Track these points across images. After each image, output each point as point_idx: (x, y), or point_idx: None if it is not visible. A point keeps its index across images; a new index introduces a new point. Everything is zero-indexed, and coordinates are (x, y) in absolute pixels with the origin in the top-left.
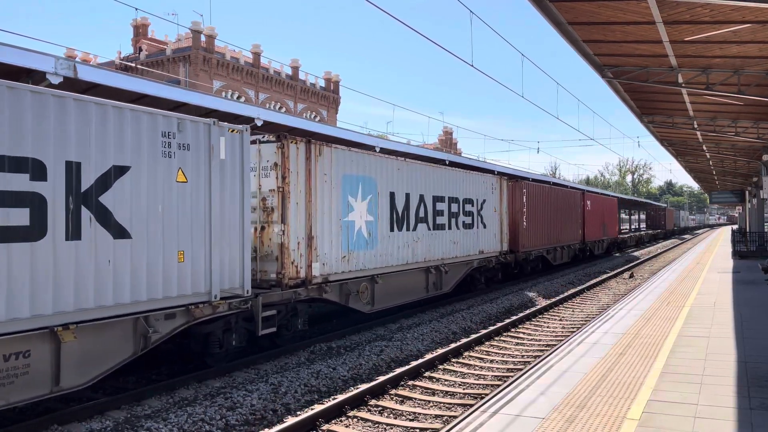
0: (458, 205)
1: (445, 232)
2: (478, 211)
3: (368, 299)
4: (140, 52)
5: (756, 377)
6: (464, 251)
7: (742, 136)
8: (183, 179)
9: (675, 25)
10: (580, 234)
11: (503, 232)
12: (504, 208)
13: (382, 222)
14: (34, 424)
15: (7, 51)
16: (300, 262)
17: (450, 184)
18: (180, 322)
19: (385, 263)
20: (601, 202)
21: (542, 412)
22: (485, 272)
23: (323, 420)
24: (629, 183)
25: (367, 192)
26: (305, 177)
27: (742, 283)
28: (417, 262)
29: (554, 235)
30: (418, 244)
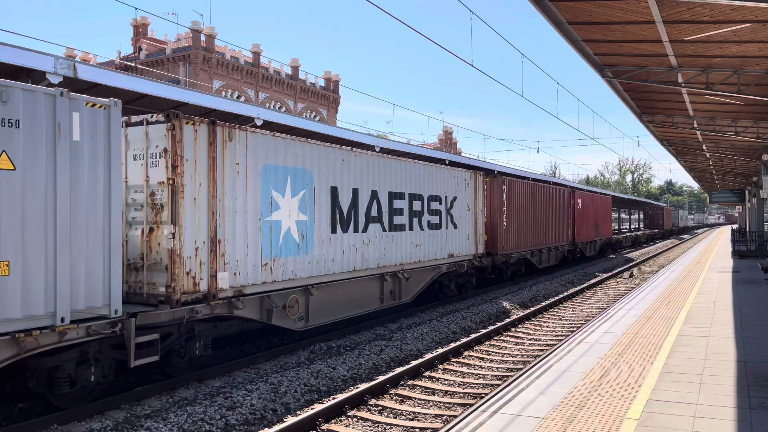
0: (422, 203)
1: (405, 234)
2: (447, 209)
3: (300, 314)
4: (140, 52)
5: (756, 377)
6: (429, 255)
7: (741, 136)
8: (8, 166)
9: (675, 25)
10: (570, 234)
11: (478, 233)
12: (479, 206)
13: (321, 222)
14: (34, 424)
15: (7, 50)
16: (199, 273)
17: (411, 178)
18: (3, 356)
19: (325, 270)
20: (593, 201)
21: (542, 411)
22: (456, 278)
23: (323, 419)
24: (629, 183)
25: (298, 186)
26: (208, 167)
27: (742, 283)
28: (368, 269)
29: (539, 235)
30: (369, 248)
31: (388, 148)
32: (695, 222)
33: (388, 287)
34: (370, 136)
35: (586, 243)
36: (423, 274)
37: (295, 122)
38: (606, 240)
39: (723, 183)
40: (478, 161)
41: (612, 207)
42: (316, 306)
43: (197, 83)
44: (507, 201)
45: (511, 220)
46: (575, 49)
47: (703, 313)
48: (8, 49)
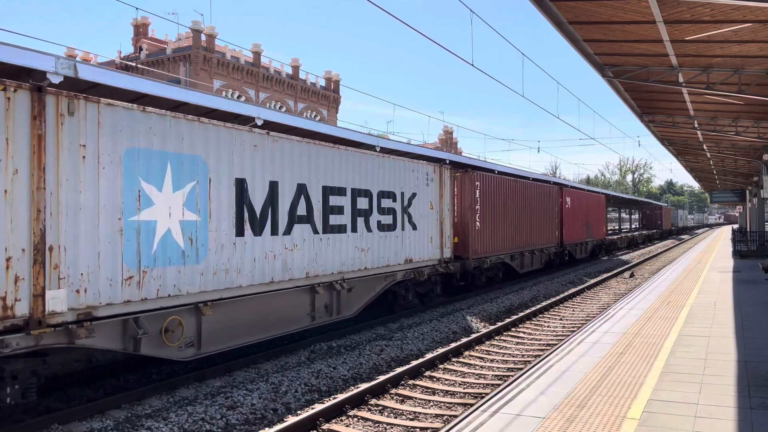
0: (369, 200)
1: (347, 237)
2: (403, 207)
3: (188, 340)
4: (141, 52)
5: (756, 377)
6: (380, 261)
7: (742, 136)
8: None
9: (675, 25)
10: (557, 236)
11: (445, 234)
12: (446, 204)
13: (220, 223)
14: (35, 423)
15: (8, 50)
16: (14, 292)
17: (355, 171)
18: None
19: (226, 283)
20: (584, 200)
21: (542, 411)
22: (416, 286)
23: (323, 419)
24: (630, 182)
25: (185, 178)
26: (30, 148)
27: (742, 283)
28: (293, 280)
29: (521, 237)
30: (294, 254)
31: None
32: (695, 222)
33: (322, 301)
34: (371, 135)
35: (576, 244)
36: (371, 284)
37: (295, 122)
38: (599, 241)
39: (724, 183)
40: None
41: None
42: (213, 328)
43: (198, 83)
44: (481, 199)
45: (486, 220)
46: (576, 49)
47: (703, 313)
48: (9, 48)
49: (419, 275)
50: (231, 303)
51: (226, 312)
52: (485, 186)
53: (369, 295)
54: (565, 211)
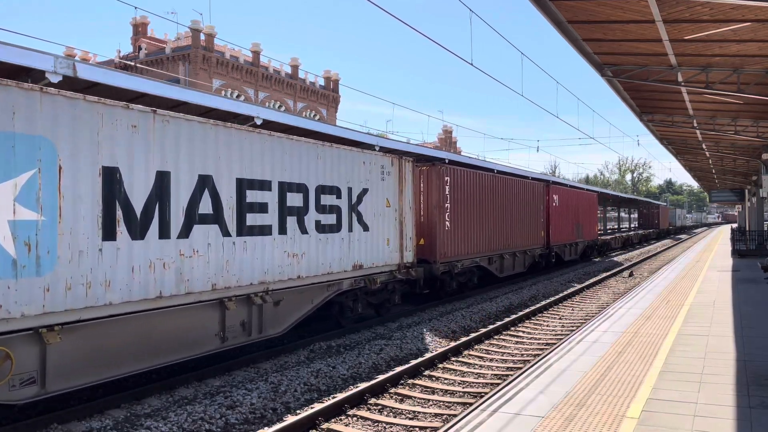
0: (304, 195)
1: (271, 240)
2: (351, 205)
3: (27, 376)
4: (140, 51)
5: (755, 376)
6: (318, 268)
7: (741, 135)
8: None
9: (675, 24)
10: (543, 236)
11: (405, 236)
12: (407, 201)
13: (77, 223)
14: (35, 423)
15: (6, 50)
16: None
17: (284, 161)
18: None
19: (87, 301)
20: (574, 198)
21: (542, 410)
22: (368, 296)
23: (323, 419)
24: (629, 182)
25: (16, 164)
26: None
27: (741, 282)
28: (192, 293)
29: (501, 238)
30: (194, 261)
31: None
32: (693, 221)
33: (236, 318)
34: (370, 135)
35: (565, 245)
36: (307, 295)
37: (294, 122)
38: (590, 242)
39: (723, 182)
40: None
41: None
42: (68, 359)
43: (197, 82)
44: (452, 195)
45: (459, 219)
46: (575, 49)
47: (702, 312)
48: (8, 48)
49: (371, 283)
50: (97, 325)
51: (90, 337)
52: (457, 181)
53: (304, 308)
54: (552, 210)
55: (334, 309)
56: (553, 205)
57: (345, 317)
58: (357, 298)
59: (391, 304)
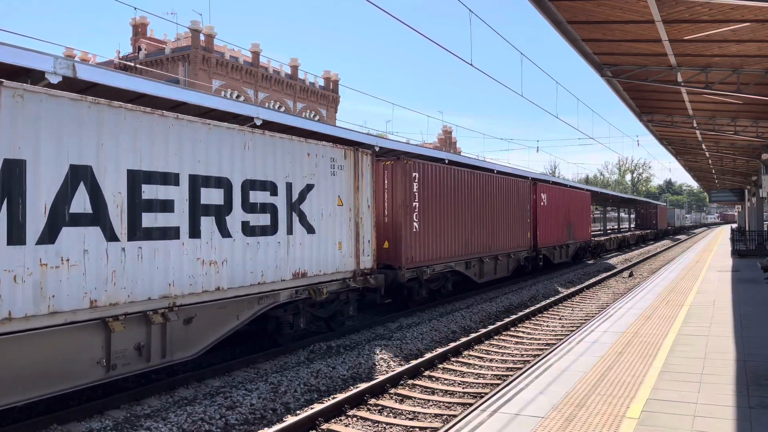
0: (227, 192)
1: (179, 245)
2: (291, 203)
3: None
4: (139, 52)
5: (755, 376)
6: (246, 277)
7: (741, 135)
8: None
9: (674, 24)
10: (530, 238)
11: (363, 239)
12: (365, 200)
13: None
14: (34, 423)
15: (6, 50)
16: None
17: (197, 149)
18: None
19: None
20: (565, 197)
21: (542, 411)
22: (313, 308)
23: (323, 419)
24: (629, 182)
25: None
26: None
27: (741, 282)
28: (60, 312)
29: (480, 240)
30: (63, 273)
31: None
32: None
33: (129, 341)
34: (370, 135)
35: (554, 248)
36: (230, 310)
37: (294, 122)
38: (583, 243)
39: (722, 182)
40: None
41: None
42: None
43: (196, 83)
44: (421, 194)
45: (429, 220)
46: (575, 49)
47: (702, 313)
48: (7, 49)
49: (316, 294)
50: None
51: None
52: (427, 178)
53: (227, 325)
54: (541, 210)
55: (270, 324)
56: (541, 204)
57: (283, 334)
58: (299, 311)
59: (345, 317)
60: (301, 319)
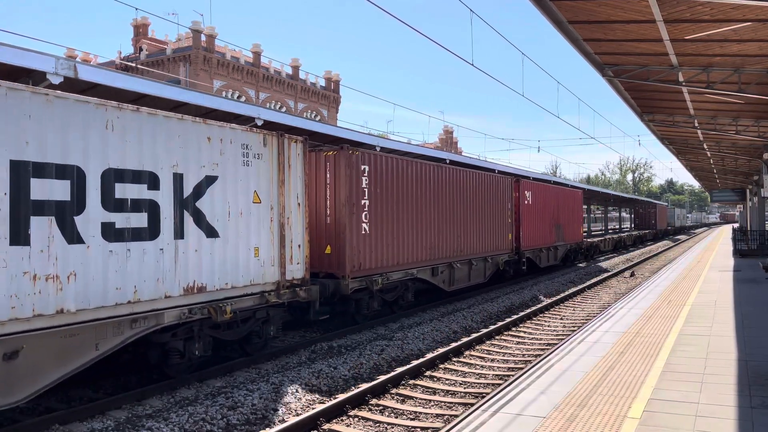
0: (76, 184)
1: None
2: (181, 200)
3: None
4: (140, 52)
5: (757, 376)
6: (108, 294)
7: (742, 135)
8: None
9: (675, 24)
10: (511, 240)
11: (291, 243)
12: (295, 196)
13: None
14: (36, 423)
15: (7, 51)
16: None
17: (20, 129)
18: None
19: None
20: (553, 195)
21: (543, 411)
22: (218, 331)
23: (324, 419)
24: (630, 181)
25: None
26: None
27: (743, 282)
28: None
29: (449, 243)
30: None
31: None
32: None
33: None
34: (371, 135)
35: (540, 250)
36: (85, 338)
37: (295, 122)
38: (574, 245)
39: (724, 182)
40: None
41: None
42: None
43: (198, 83)
44: (372, 190)
45: (383, 220)
46: (576, 49)
47: (704, 312)
48: (9, 49)
49: (218, 313)
50: None
51: None
52: (381, 172)
53: (79, 358)
54: (524, 209)
55: (153, 353)
56: (525, 203)
57: (171, 365)
58: (195, 336)
59: (264, 338)
60: (197, 345)
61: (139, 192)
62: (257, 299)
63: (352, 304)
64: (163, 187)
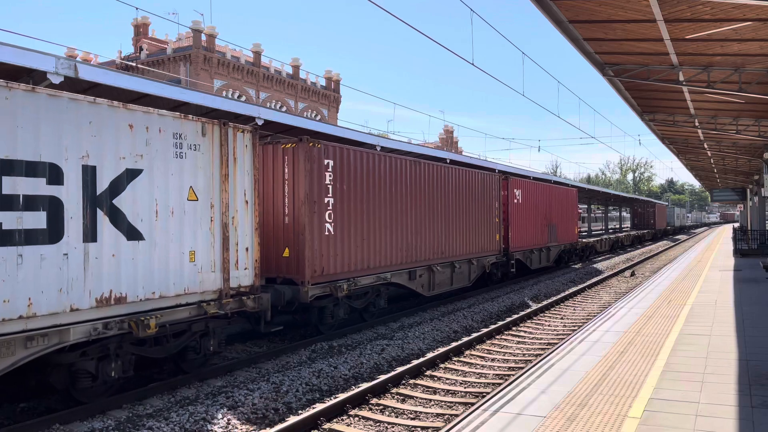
0: None
1: None
2: (91, 197)
3: None
4: (141, 52)
5: (757, 375)
6: None
7: (743, 134)
8: None
9: (676, 23)
10: (499, 240)
11: (236, 246)
12: (242, 193)
13: None
14: (36, 423)
15: (8, 51)
16: None
17: None
18: None
19: None
20: (545, 193)
21: (543, 410)
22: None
23: (325, 419)
24: (630, 181)
25: None
26: None
27: (743, 281)
28: None
29: (428, 245)
30: None
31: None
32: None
33: None
34: (372, 135)
35: (531, 251)
36: None
37: (295, 122)
38: (568, 246)
39: (724, 181)
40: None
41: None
42: None
43: (198, 83)
44: (338, 187)
45: (350, 220)
46: (576, 48)
47: (704, 312)
48: (9, 49)
49: (139, 327)
50: None
51: None
52: (348, 167)
53: None
54: (513, 208)
55: (58, 376)
56: (515, 201)
57: (79, 389)
58: (109, 353)
59: (203, 354)
60: (113, 365)
61: (35, 187)
62: (194, 310)
63: (314, 312)
64: (69, 181)
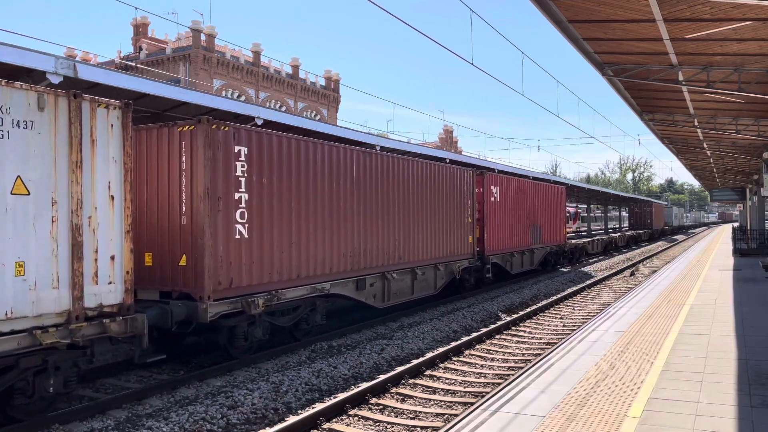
0: None
1: None
2: None
3: None
4: (140, 52)
5: (757, 375)
6: None
7: (742, 134)
8: None
9: (675, 23)
10: (472, 243)
11: (96, 254)
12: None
13: None
14: (36, 423)
15: (7, 51)
16: None
17: None
18: None
19: None
20: (527, 191)
21: (543, 410)
22: None
23: (324, 418)
24: (630, 181)
25: None
26: None
27: (743, 281)
28: None
29: (382, 248)
30: None
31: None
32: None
33: None
34: (372, 135)
35: (511, 254)
36: None
37: (295, 121)
38: (555, 247)
39: (724, 181)
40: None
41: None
42: None
43: (197, 83)
44: (254, 179)
45: (272, 220)
46: (576, 48)
47: (704, 312)
48: (9, 49)
49: None
50: None
51: None
52: (268, 156)
53: None
54: (490, 207)
55: None
56: (491, 199)
57: None
58: None
59: (38, 398)
60: None
61: None
62: (24, 340)
63: (224, 332)
64: None
